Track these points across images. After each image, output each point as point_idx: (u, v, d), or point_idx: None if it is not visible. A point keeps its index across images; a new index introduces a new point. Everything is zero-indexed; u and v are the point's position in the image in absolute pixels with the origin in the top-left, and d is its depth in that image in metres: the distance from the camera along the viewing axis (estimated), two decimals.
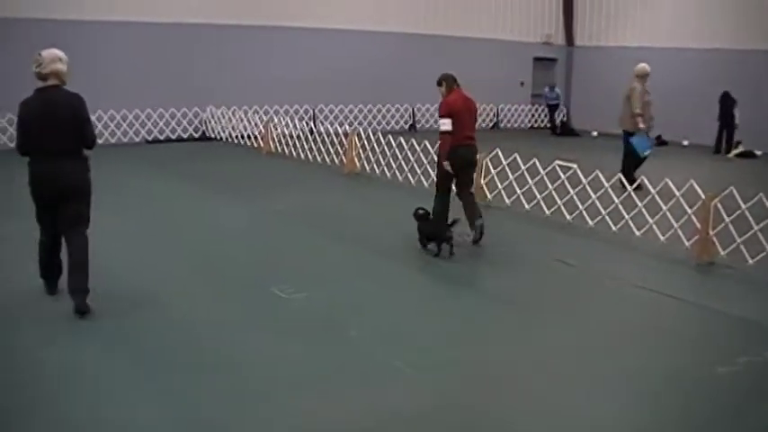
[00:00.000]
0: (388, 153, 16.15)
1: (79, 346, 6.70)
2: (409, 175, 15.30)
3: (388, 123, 26.78)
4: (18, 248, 9.33)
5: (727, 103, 23.08)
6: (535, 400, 5.89)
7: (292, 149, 18.85)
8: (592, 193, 12.02)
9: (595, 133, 27.68)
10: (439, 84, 10.88)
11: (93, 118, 18.87)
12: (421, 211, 10.29)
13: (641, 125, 15.33)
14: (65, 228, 7.62)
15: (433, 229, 10.18)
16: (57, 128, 7.31)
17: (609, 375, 6.43)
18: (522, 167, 13.34)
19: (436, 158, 11.20)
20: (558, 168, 12.91)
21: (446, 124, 10.30)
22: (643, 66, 15.65)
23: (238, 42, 23.40)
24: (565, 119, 30.35)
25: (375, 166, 16.30)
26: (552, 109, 29.48)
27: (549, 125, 29.67)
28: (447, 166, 10.39)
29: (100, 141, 20.00)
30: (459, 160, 10.43)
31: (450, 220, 10.29)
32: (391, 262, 9.78)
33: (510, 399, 5.91)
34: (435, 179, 11.13)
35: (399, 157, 15.68)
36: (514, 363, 6.59)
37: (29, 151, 7.46)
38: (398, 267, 9.55)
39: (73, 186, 7.54)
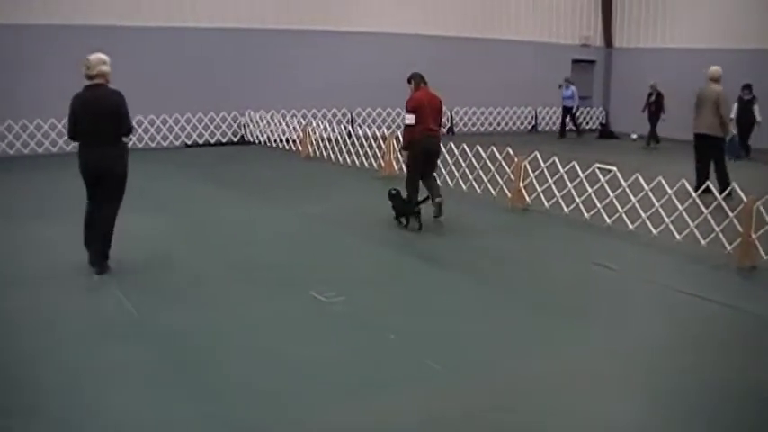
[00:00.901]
0: None
1: (123, 345, 6.78)
2: (447, 177, 15.28)
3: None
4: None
5: (742, 101, 22.17)
6: (574, 407, 5.85)
7: (330, 153, 18.91)
8: (632, 197, 11.92)
9: (635, 136, 27.44)
10: (409, 81, 12.30)
11: (133, 123, 19.22)
12: (393, 191, 11.86)
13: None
14: (102, 200, 9.05)
15: (402, 206, 11.75)
16: (100, 119, 8.78)
17: (649, 381, 6.38)
18: (561, 170, 13.26)
19: (400, 151, 13.17)
20: (597, 172, 12.82)
21: (410, 119, 11.82)
22: (718, 68, 15.18)
23: (277, 47, 23.51)
24: (604, 121, 30.17)
25: None
26: (566, 111, 27.84)
27: (560, 128, 28.12)
28: (404, 154, 12.18)
29: (140, 145, 20.76)
30: (421, 149, 11.88)
31: (420, 199, 11.78)
32: (431, 265, 9.77)
33: (548, 403, 5.86)
34: (406, 165, 12.48)
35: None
36: (554, 368, 6.54)
37: (77, 138, 8.91)
38: (438, 271, 9.56)
39: (110, 168, 8.98)
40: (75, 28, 20.46)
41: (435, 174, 12.65)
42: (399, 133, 13.25)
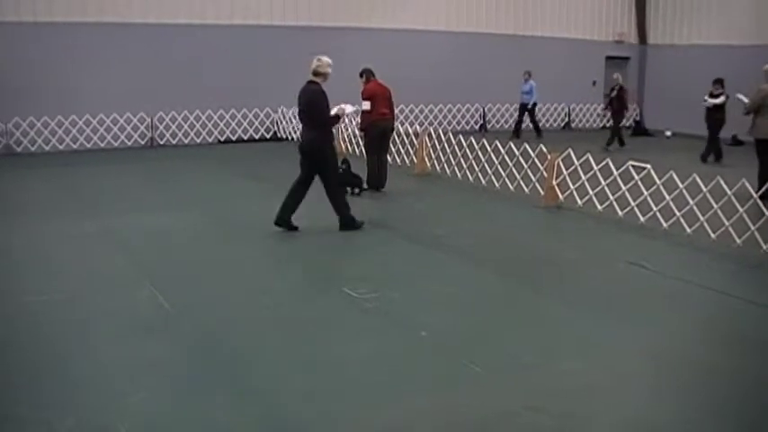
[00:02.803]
0: (458, 153, 16.10)
1: (157, 342, 6.83)
2: (480, 175, 15.24)
3: (458, 123, 26.74)
4: None
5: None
6: (609, 407, 5.82)
7: (363, 149, 18.86)
8: (666, 195, 11.82)
9: (669, 133, 27.21)
10: (360, 75, 14.58)
11: (166, 119, 19.42)
12: (343, 166, 13.52)
13: None
14: (322, 178, 11.16)
15: (351, 179, 13.85)
16: (307, 109, 11.01)
17: (682, 380, 6.34)
18: (595, 168, 13.17)
19: (357, 132, 16.31)
20: (631, 169, 12.72)
21: (366, 105, 14.04)
22: None
23: (310, 43, 23.48)
24: (638, 118, 29.95)
25: (446, 166, 16.27)
26: (523, 107, 25.29)
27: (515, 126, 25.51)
28: (361, 134, 14.64)
29: (173, 141, 20.91)
30: (376, 130, 14.15)
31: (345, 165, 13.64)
32: (462, 262, 9.75)
33: (583, 403, 5.84)
34: (364, 146, 14.87)
35: (470, 156, 15.63)
36: (590, 367, 6.51)
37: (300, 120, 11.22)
38: (471, 268, 9.51)
39: (316, 149, 10.96)
40: (122, 26, 21.18)
41: (387, 153, 14.98)
42: (432, 130, 14.53)
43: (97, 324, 7.32)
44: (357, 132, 16.17)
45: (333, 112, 11.24)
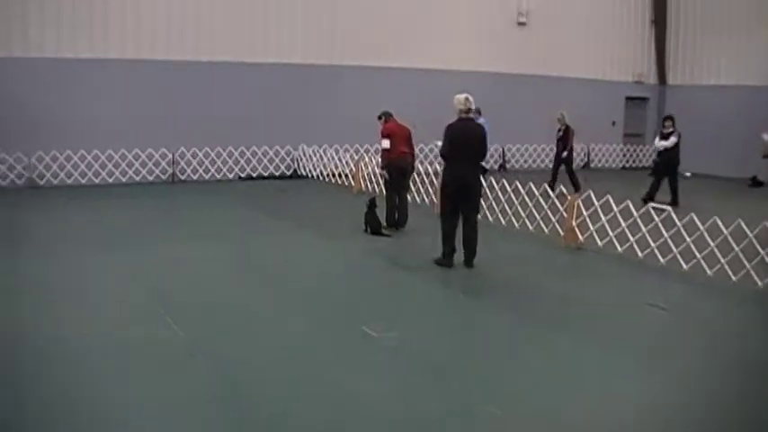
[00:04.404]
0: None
1: (171, 375, 6.86)
2: (500, 215, 15.27)
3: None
4: None
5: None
6: None
7: (383, 188, 18.90)
8: (686, 236, 11.82)
9: (688, 174, 27.14)
10: (379, 118, 14.96)
11: (188, 155, 19.60)
12: (369, 203, 14.11)
13: None
14: (464, 211, 11.33)
15: (373, 221, 14.06)
16: (470, 144, 11.19)
17: (705, 421, 6.32)
18: (615, 209, 13.18)
19: (378, 170, 16.29)
20: (651, 211, 12.73)
21: (386, 144, 14.34)
22: None
23: (330, 81, 23.78)
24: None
25: None
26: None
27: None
28: (384, 173, 14.47)
29: (194, 177, 21.08)
30: (396, 168, 14.37)
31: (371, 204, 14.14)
32: (482, 302, 9.77)
33: None
34: (383, 184, 15.06)
35: (490, 197, 15.66)
36: (616, 410, 6.50)
37: (450, 158, 11.23)
38: (489, 308, 9.52)
39: (474, 182, 11.32)
40: (145, 62, 21.48)
41: (407, 191, 15.26)
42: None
43: (115, 359, 7.36)
44: (378, 171, 16.22)
45: (438, 144, 11.91)
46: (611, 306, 9.91)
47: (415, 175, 16.88)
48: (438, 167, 17.08)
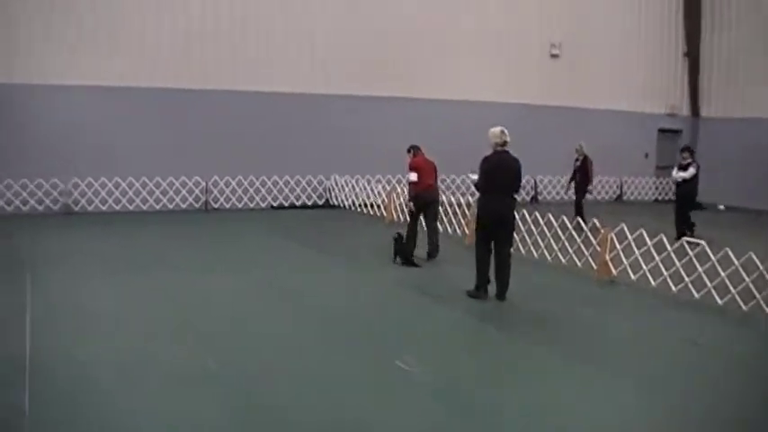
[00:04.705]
0: None
1: (196, 399, 6.90)
2: (532, 248, 15.24)
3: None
4: None
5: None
6: None
7: (407, 217, 18.86)
8: (721, 271, 11.73)
9: (722, 207, 27.02)
10: (408, 151, 15.42)
11: (221, 183, 19.75)
12: (396, 235, 14.43)
13: None
14: (498, 243, 11.40)
15: (401, 248, 14.25)
16: (506, 177, 11.28)
17: None
18: (649, 243, 13.11)
19: (404, 202, 16.91)
20: (685, 245, 12.66)
21: (413, 177, 14.66)
22: None
23: (362, 112, 23.91)
24: None
25: None
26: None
27: None
28: (411, 205, 14.84)
29: (227, 206, 21.26)
30: (422, 200, 14.72)
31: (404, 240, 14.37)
32: (515, 336, 9.72)
33: None
34: (408, 213, 15.33)
35: (522, 229, 15.63)
36: None
37: (485, 191, 11.35)
38: (522, 342, 9.48)
39: (510, 215, 11.45)
40: (180, 91, 21.87)
41: (437, 222, 15.41)
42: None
43: (143, 380, 7.45)
44: (405, 202, 16.50)
45: (473, 177, 11.90)
46: (644, 341, 9.83)
47: (447, 207, 16.92)
48: (470, 199, 17.18)
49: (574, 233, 14.64)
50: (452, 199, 18.67)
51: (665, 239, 12.95)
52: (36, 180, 20.40)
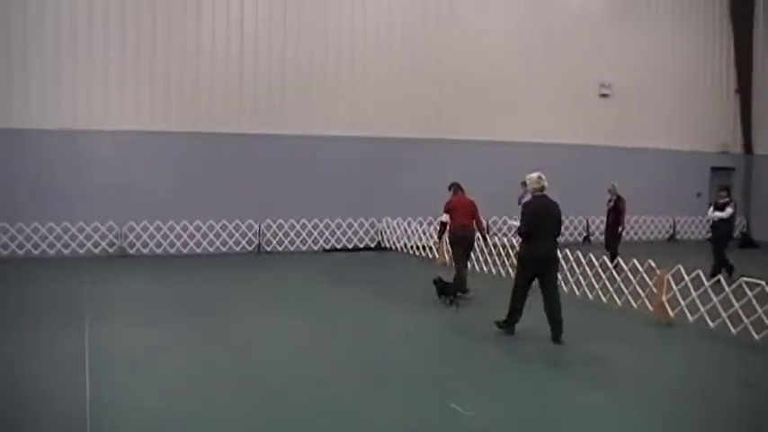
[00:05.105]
0: (564, 267, 16.08)
1: None
2: (586, 289, 15.13)
3: (561, 235, 26.56)
4: None
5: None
6: None
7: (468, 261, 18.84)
8: None
9: None
10: (449, 188, 15.79)
11: (273, 226, 19.88)
12: (437, 278, 14.66)
13: None
14: (546, 284, 11.60)
15: (445, 288, 14.49)
16: (548, 220, 11.57)
17: None
18: (706, 284, 12.97)
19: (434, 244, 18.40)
20: (744, 285, 12.49)
21: (444, 218, 15.22)
22: None
23: (414, 155, 24.04)
24: (744, 229, 29.42)
25: (561, 281, 16.16)
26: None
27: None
28: (437, 243, 16.37)
29: (280, 248, 21.42)
30: (456, 239, 15.13)
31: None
32: (570, 379, 9.64)
33: None
34: (452, 257, 15.75)
35: (577, 271, 15.53)
36: None
37: (528, 234, 11.53)
38: (577, 386, 9.38)
39: (552, 258, 11.72)
40: (235, 136, 22.39)
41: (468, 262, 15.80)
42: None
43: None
44: (434, 241, 17.86)
45: (512, 223, 12.03)
46: (701, 384, 9.67)
47: (488, 247, 17.47)
48: (513, 241, 17.18)
49: (629, 274, 14.48)
50: (497, 240, 18.70)
51: (722, 280, 12.82)
52: (92, 223, 20.79)
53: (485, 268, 18.44)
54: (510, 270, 17.00)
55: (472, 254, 16.52)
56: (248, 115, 22.39)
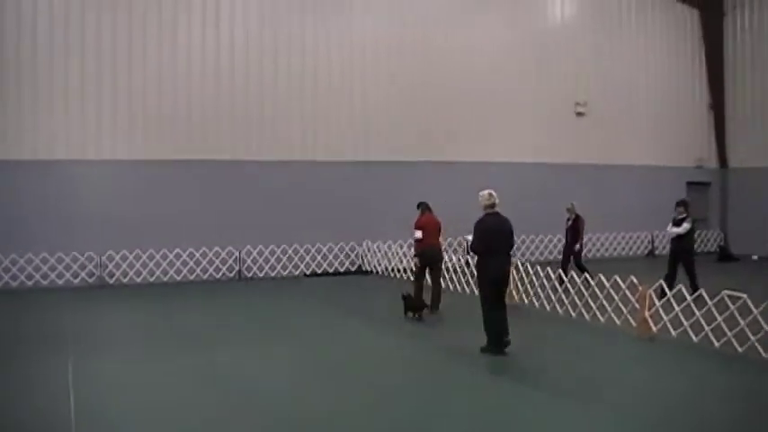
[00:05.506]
0: (547, 285, 16.17)
1: None
2: (569, 307, 15.17)
3: (541, 254, 26.70)
4: None
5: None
6: None
7: (449, 283, 18.90)
8: (764, 324, 11.61)
9: (755, 257, 26.84)
10: (417, 207, 16.38)
11: (254, 252, 19.72)
12: (405, 294, 15.46)
13: None
14: (500, 300, 11.91)
15: (412, 303, 15.20)
16: (500, 237, 11.83)
17: None
18: (689, 298, 13.02)
19: (411, 258, 17.93)
20: (726, 299, 12.54)
21: (418, 234, 15.77)
22: None
23: (392, 178, 24.10)
24: (722, 243, 29.64)
25: (533, 298, 16.27)
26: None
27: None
28: (416, 261, 16.03)
29: (260, 274, 21.37)
30: (426, 257, 15.84)
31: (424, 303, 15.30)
32: (557, 398, 9.60)
33: None
34: (414, 269, 16.61)
35: (559, 289, 15.57)
36: None
37: (482, 251, 11.84)
38: (569, 406, 9.32)
39: (506, 273, 12.11)
40: (213, 162, 22.43)
41: (440, 278, 16.33)
42: (519, 263, 15.47)
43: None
44: (411, 258, 18.50)
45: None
46: (689, 400, 9.65)
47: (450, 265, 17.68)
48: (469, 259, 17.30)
49: (611, 291, 14.51)
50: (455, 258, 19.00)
51: (704, 294, 12.87)
52: (71, 253, 20.65)
53: (451, 286, 18.55)
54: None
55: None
56: (228, 142, 22.38)
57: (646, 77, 29.46)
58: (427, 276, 16.19)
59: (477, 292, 13.25)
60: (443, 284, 16.78)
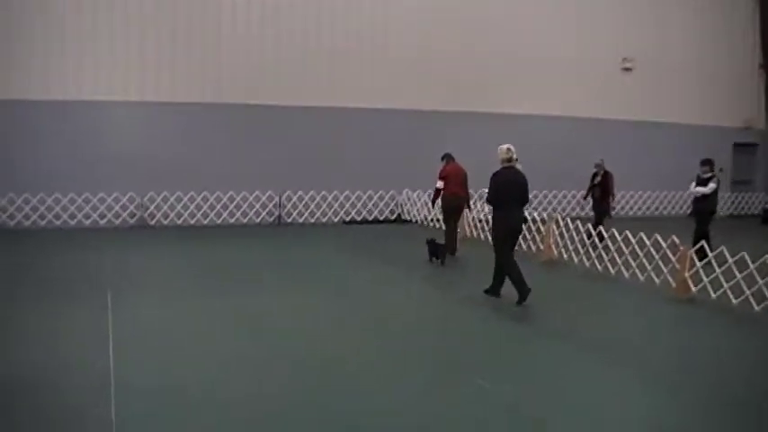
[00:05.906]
0: (586, 241, 16.06)
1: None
2: (609, 264, 15.05)
3: (573, 210, 26.45)
4: None
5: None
6: None
7: (488, 234, 18.76)
8: None
9: None
10: (442, 159, 16.99)
11: (294, 198, 19.66)
12: (429, 239, 15.95)
13: None
14: (511, 249, 12.38)
15: (435, 248, 15.75)
16: (515, 190, 12.15)
17: None
18: (730, 260, 12.84)
19: (431, 206, 19.39)
20: None
21: (439, 184, 16.49)
22: None
23: (433, 127, 23.89)
24: (767, 206, 29.21)
25: (573, 254, 16.15)
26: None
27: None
28: (433, 207, 17.92)
29: (300, 220, 21.37)
30: (447, 205, 16.70)
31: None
32: (593, 356, 9.55)
33: None
34: (443, 219, 17.83)
35: (599, 245, 15.46)
36: None
37: (498, 203, 12.20)
38: (607, 366, 9.26)
39: (518, 226, 12.46)
40: (253, 107, 22.36)
41: (458, 227, 17.29)
42: (559, 217, 15.91)
43: (230, 402, 7.42)
44: (430, 206, 20.02)
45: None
46: (726, 365, 9.48)
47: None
48: (545, 215, 17.10)
49: (651, 250, 14.36)
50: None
51: (747, 257, 12.67)
52: (113, 194, 20.83)
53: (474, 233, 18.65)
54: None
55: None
56: (269, 87, 22.31)
57: (695, 34, 28.76)
58: None
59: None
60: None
